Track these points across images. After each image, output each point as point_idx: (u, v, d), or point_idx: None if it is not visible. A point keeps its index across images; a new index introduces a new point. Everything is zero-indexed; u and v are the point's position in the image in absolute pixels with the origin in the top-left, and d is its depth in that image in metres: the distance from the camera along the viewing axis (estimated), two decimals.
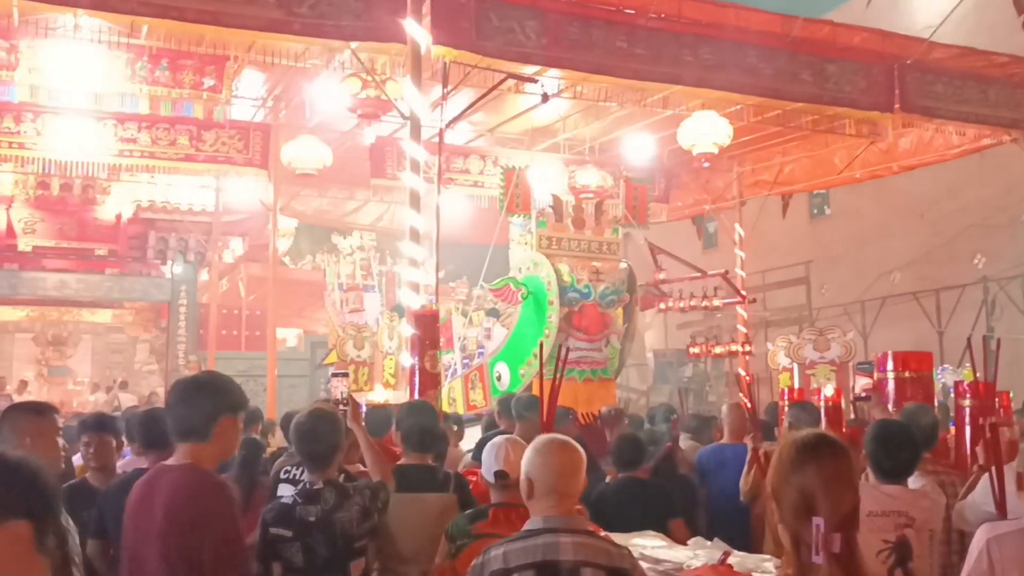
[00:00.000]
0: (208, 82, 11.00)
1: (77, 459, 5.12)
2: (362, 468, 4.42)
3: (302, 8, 8.62)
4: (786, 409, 6.98)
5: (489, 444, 3.67)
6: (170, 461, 3.05)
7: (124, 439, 6.05)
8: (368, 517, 3.74)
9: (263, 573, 3.61)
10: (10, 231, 18.75)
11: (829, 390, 6.60)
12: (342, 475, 4.23)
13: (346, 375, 6.53)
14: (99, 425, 5.01)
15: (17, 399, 16.59)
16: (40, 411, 3.43)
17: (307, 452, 3.87)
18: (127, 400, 18.11)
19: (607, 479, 5.50)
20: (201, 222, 19.55)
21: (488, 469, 3.54)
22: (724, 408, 6.81)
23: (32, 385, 20.72)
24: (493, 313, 12.82)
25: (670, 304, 15.50)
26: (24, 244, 18.85)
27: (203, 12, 8.37)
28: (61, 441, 3.58)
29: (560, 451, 2.76)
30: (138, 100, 11.21)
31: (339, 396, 4.60)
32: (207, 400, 3.05)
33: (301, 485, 3.86)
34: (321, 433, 3.83)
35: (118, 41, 9.69)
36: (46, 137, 12.41)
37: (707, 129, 11.61)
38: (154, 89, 10.89)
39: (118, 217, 19.40)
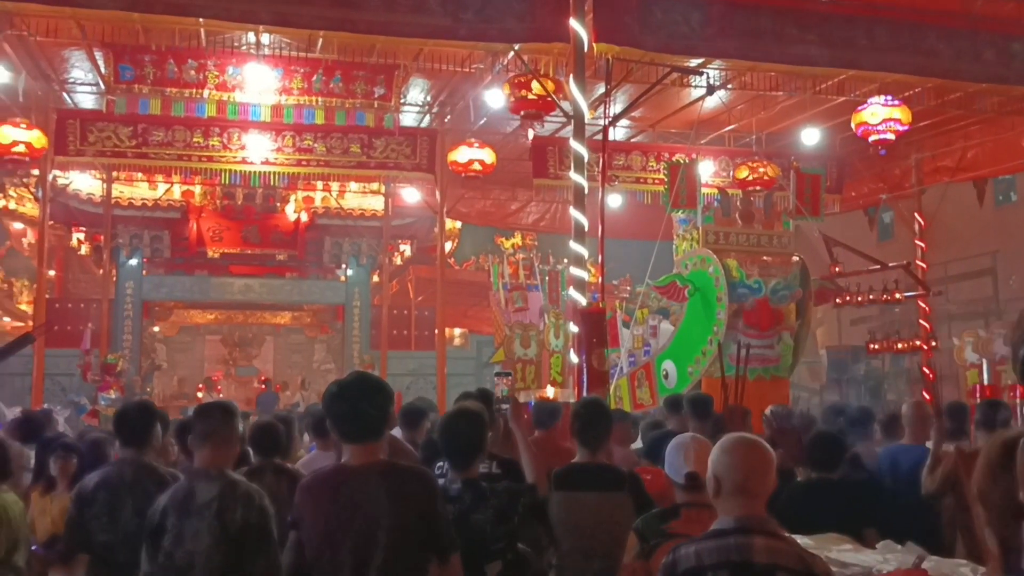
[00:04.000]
0: (378, 91, 11.44)
1: None
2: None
3: (467, 13, 8.84)
4: (976, 407, 6.55)
5: (674, 444, 3.57)
6: (351, 461, 3.16)
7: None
8: (506, 520, 3.72)
9: None
10: (200, 239, 20.08)
11: None
12: (494, 462, 4.28)
13: (509, 375, 6.63)
14: None
15: (207, 397, 17.80)
16: (227, 410, 3.68)
17: (448, 450, 3.90)
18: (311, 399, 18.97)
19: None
20: (372, 227, 20.34)
21: (677, 470, 3.45)
22: (904, 407, 6.43)
23: (220, 383, 22.03)
24: (663, 312, 12.65)
25: (847, 298, 14.85)
26: (212, 252, 20.16)
27: (375, 23, 8.74)
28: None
29: (749, 450, 2.69)
30: (314, 112, 11.77)
31: (499, 395, 4.62)
32: (385, 401, 3.21)
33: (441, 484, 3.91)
34: (461, 432, 3.83)
35: (296, 55, 10.23)
36: (231, 150, 13.22)
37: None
38: (329, 100, 11.41)
39: (296, 223, 20.42)
